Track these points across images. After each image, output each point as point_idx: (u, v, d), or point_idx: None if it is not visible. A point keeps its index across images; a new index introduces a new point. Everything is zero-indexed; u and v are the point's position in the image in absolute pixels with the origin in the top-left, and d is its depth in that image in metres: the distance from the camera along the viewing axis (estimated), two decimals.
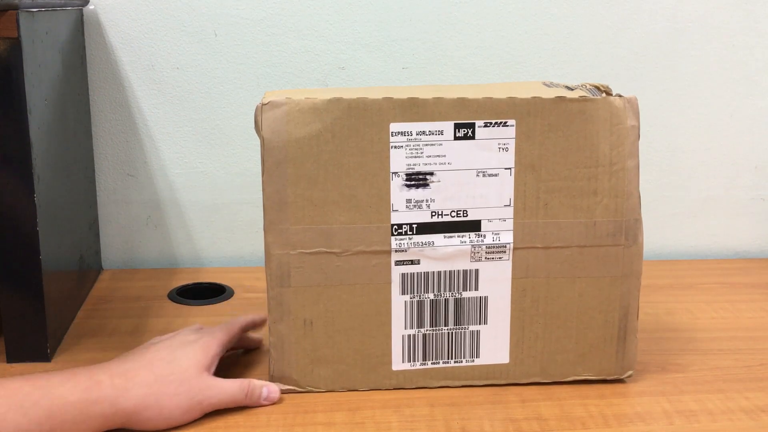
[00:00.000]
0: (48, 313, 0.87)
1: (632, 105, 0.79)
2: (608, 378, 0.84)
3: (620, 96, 0.79)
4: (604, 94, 0.79)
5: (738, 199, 1.24)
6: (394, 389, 0.82)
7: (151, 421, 0.73)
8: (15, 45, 0.80)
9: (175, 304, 1.04)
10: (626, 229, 0.80)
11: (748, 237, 1.26)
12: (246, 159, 1.16)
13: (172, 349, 0.77)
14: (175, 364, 0.75)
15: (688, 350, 0.92)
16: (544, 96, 0.78)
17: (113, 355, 0.78)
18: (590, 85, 0.82)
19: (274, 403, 0.80)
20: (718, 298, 1.08)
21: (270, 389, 0.80)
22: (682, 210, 1.24)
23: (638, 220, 0.81)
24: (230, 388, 0.78)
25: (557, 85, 0.83)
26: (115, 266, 1.19)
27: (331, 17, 1.12)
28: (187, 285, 1.10)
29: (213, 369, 0.79)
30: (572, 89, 0.80)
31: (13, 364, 0.86)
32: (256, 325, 0.89)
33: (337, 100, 0.76)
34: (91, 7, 1.09)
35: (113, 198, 1.16)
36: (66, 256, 0.96)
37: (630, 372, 0.84)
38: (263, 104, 0.76)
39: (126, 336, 0.94)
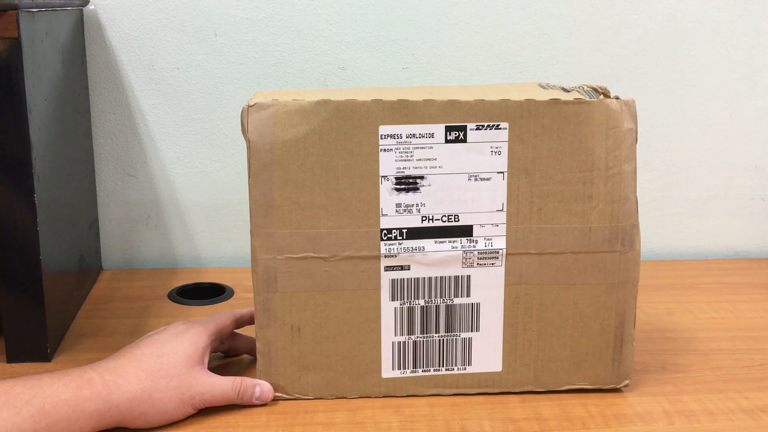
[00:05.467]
0: (48, 313, 0.85)
1: (629, 107, 0.73)
2: (604, 387, 0.79)
3: (617, 98, 0.73)
4: (601, 96, 0.74)
5: (738, 199, 1.21)
6: (384, 397, 0.77)
7: (145, 416, 0.70)
8: (15, 45, 0.78)
9: (175, 304, 1.01)
10: (622, 235, 0.75)
11: (748, 237, 1.23)
12: (246, 159, 1.11)
13: (161, 344, 0.74)
14: (164, 359, 0.72)
15: (688, 350, 0.89)
16: (538, 98, 0.72)
17: None
18: (588, 86, 0.76)
19: (266, 404, 0.76)
20: (718, 298, 1.04)
21: (263, 389, 0.76)
22: (682, 210, 1.21)
23: (635, 226, 0.75)
24: (221, 385, 0.74)
25: (553, 87, 0.77)
26: (115, 266, 1.16)
27: (331, 17, 1.09)
28: (187, 285, 1.07)
29: (206, 360, 0.75)
30: (568, 91, 0.75)
31: (13, 364, 0.84)
32: (252, 320, 0.84)
33: (325, 102, 0.71)
34: (91, 7, 1.06)
35: (113, 198, 1.13)
36: (66, 256, 0.94)
37: (627, 381, 0.79)
38: (249, 106, 0.72)
39: (126, 336, 0.91)
